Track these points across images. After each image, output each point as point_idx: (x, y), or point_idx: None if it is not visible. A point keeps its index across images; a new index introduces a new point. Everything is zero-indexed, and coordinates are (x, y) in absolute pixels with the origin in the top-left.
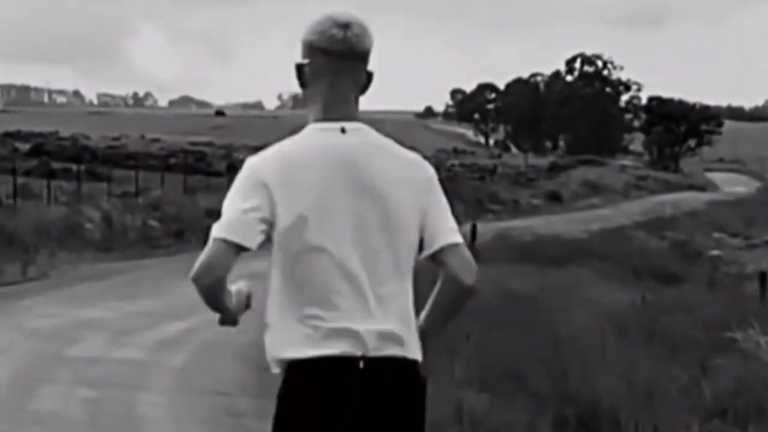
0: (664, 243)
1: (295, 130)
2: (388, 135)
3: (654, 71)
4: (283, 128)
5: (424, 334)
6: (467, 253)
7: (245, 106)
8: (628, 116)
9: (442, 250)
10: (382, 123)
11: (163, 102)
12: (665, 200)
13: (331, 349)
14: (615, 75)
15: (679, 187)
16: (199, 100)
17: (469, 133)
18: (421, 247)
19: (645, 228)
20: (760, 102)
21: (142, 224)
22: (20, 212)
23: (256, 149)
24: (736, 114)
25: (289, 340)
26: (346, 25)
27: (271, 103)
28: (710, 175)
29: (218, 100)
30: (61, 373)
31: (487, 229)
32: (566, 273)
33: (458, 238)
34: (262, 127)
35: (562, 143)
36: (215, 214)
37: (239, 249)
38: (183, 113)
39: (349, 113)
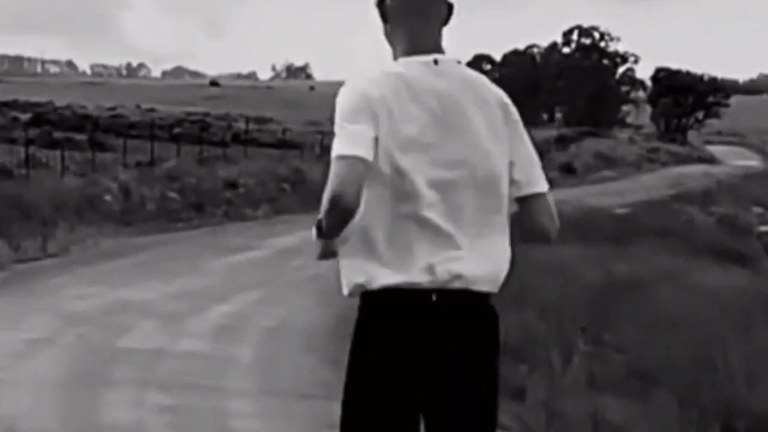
0: (710, 218)
1: (290, 100)
2: None
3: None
4: (278, 98)
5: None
6: (552, 204)
7: (239, 76)
8: (625, 88)
9: (532, 196)
10: None
11: (156, 72)
12: (681, 172)
13: (405, 278)
14: (612, 47)
15: (688, 159)
16: (193, 70)
17: None
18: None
19: (682, 201)
20: (754, 75)
21: (161, 196)
22: (34, 183)
23: (255, 120)
24: (731, 87)
25: (365, 268)
26: None
27: (264, 74)
28: (711, 149)
29: (212, 70)
30: (123, 371)
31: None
32: (637, 252)
33: (545, 186)
34: (257, 98)
35: (558, 115)
36: (234, 186)
37: (365, 164)
38: (177, 84)
39: (437, 46)
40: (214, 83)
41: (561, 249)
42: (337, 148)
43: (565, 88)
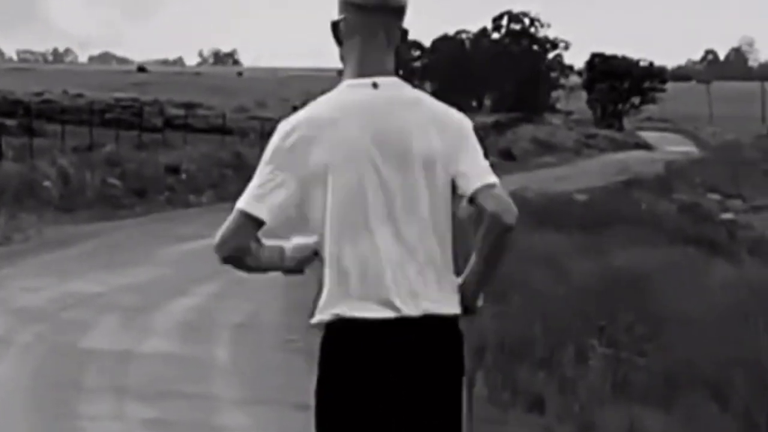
0: (672, 205)
1: (217, 86)
2: (316, 93)
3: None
4: (205, 84)
5: (470, 283)
6: (504, 192)
7: (166, 62)
8: (555, 74)
9: (477, 192)
10: (302, 80)
11: (83, 58)
12: (622, 159)
13: (365, 311)
14: (542, 33)
15: (625, 145)
16: (120, 56)
17: None
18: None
19: (637, 188)
20: (682, 61)
21: (102, 182)
22: None
23: (183, 105)
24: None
25: (325, 300)
26: None
27: (191, 60)
28: (643, 134)
29: (139, 56)
30: (94, 377)
31: None
32: (612, 242)
33: (492, 179)
34: (185, 83)
35: (487, 102)
36: (176, 171)
37: (257, 222)
38: (104, 69)
39: (384, 69)
40: (141, 69)
41: (535, 237)
42: (243, 197)
43: (494, 74)
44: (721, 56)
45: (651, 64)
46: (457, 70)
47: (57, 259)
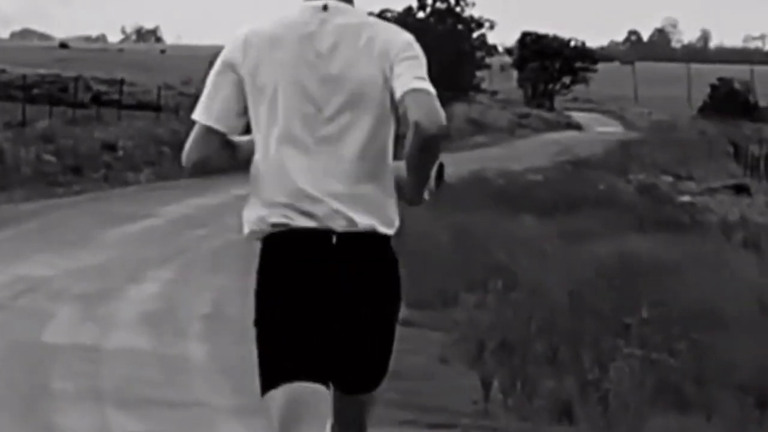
0: (629, 186)
1: (140, 63)
2: None
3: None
4: (129, 61)
5: (403, 185)
6: (431, 99)
7: (88, 39)
8: (480, 54)
9: (405, 95)
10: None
11: (4, 34)
12: (557, 138)
13: (302, 222)
14: (468, 12)
15: (558, 125)
16: (42, 32)
17: None
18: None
19: (584, 168)
20: (605, 42)
21: (36, 158)
22: None
23: (107, 82)
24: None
25: (260, 214)
26: None
27: (114, 37)
28: (573, 115)
29: (61, 33)
30: (64, 379)
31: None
32: (588, 225)
33: (420, 84)
34: (108, 60)
35: None
36: (113, 148)
37: (215, 133)
38: (26, 45)
39: None
40: (63, 45)
41: (507, 219)
42: (197, 108)
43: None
44: (645, 37)
45: (582, 43)
46: None
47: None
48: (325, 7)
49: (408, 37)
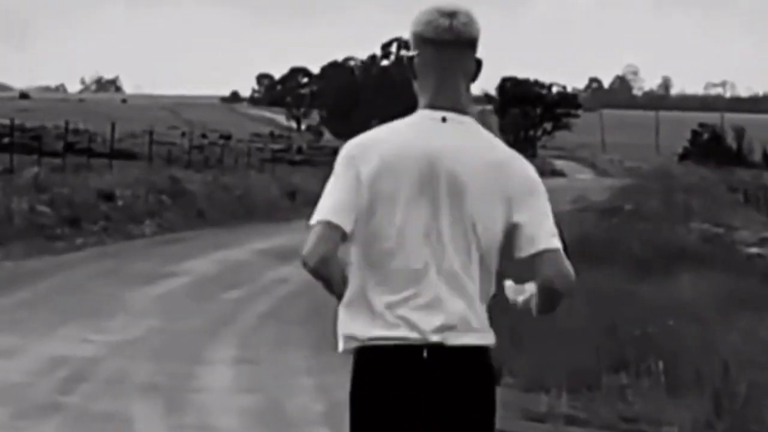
0: (691, 236)
1: (102, 112)
2: (195, 119)
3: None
4: (91, 111)
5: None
6: (563, 260)
7: (48, 89)
8: None
9: (538, 254)
10: (188, 107)
11: None
12: (557, 186)
13: (396, 334)
14: None
15: (543, 173)
16: (1, 83)
17: (280, 118)
18: (511, 248)
19: (622, 217)
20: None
21: (29, 209)
22: None
23: (71, 131)
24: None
25: (361, 323)
26: (452, 14)
27: (73, 87)
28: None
29: (19, 83)
30: None
31: None
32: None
33: (556, 244)
34: (69, 110)
35: None
36: (108, 197)
37: (340, 231)
38: None
39: (457, 103)
40: (24, 95)
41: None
42: (317, 212)
43: (383, 101)
44: (606, 84)
45: (564, 88)
46: (346, 97)
47: (5, 307)
48: (443, 119)
49: (531, 168)
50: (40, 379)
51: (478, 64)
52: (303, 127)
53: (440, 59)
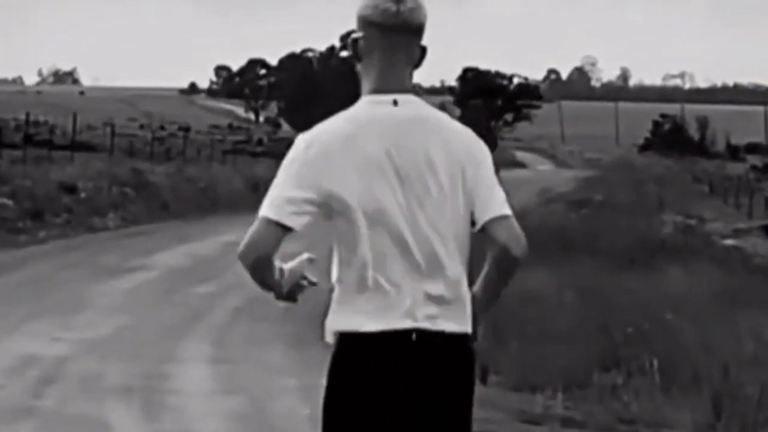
0: (668, 229)
1: (60, 105)
2: (153, 111)
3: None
4: (48, 103)
5: (476, 303)
6: (516, 225)
7: (4, 81)
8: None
9: (490, 222)
10: (146, 99)
11: None
12: (521, 176)
13: (383, 323)
14: None
15: (505, 164)
16: None
17: (239, 110)
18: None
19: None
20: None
21: None
22: None
23: (35, 123)
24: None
25: (343, 313)
26: (399, 0)
27: (31, 79)
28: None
29: None
30: None
31: None
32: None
33: (506, 210)
34: (26, 102)
35: None
36: (71, 189)
37: (284, 229)
38: None
39: (403, 86)
40: None
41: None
42: (263, 206)
43: (342, 92)
44: (564, 76)
45: (525, 79)
46: (305, 89)
47: None
48: (395, 102)
49: (479, 140)
50: (9, 380)
51: (423, 50)
52: (261, 119)
53: (386, 44)
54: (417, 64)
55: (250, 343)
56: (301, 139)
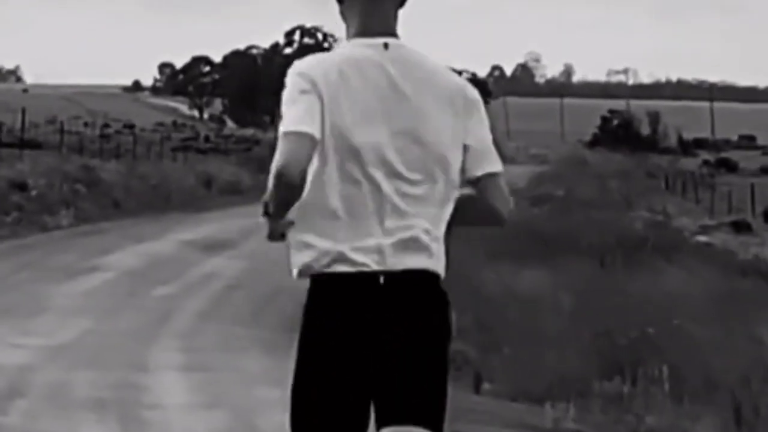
0: (638, 225)
1: (4, 102)
2: (97, 109)
3: None
4: None
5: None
6: (505, 185)
7: None
8: None
9: (482, 177)
10: (90, 97)
11: None
12: None
13: (352, 264)
14: (335, 47)
15: None
16: None
17: (183, 107)
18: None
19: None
20: (467, 77)
21: None
22: None
23: None
24: None
25: (313, 252)
26: None
27: None
28: None
29: None
30: None
31: None
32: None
33: (499, 167)
34: None
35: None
36: (21, 187)
37: (312, 140)
38: None
39: (390, 28)
40: None
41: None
42: (284, 125)
43: None
44: (508, 72)
45: (474, 75)
46: (249, 86)
47: None
48: (385, 45)
49: (472, 87)
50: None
51: None
52: (205, 116)
53: None
54: (400, 4)
55: (223, 350)
56: (298, 68)
